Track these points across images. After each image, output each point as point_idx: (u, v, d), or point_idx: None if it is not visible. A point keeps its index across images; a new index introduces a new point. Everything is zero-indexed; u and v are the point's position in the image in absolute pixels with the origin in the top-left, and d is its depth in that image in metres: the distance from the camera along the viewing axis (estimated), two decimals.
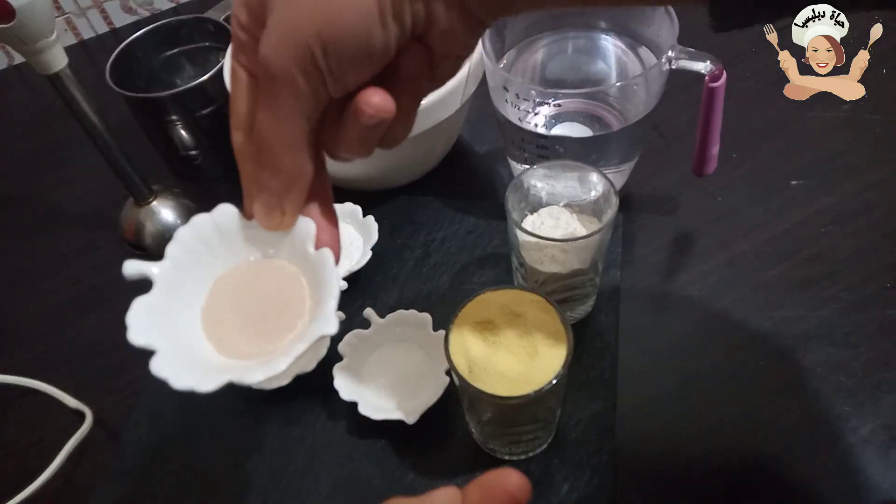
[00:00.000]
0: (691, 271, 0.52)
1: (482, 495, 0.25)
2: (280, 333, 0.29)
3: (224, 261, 0.30)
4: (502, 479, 0.25)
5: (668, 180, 0.57)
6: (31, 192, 0.70)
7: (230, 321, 0.29)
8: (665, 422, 0.45)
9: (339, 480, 0.44)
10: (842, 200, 0.54)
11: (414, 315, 0.48)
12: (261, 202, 0.28)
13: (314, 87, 0.25)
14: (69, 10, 0.85)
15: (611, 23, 0.52)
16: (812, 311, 0.48)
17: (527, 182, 0.45)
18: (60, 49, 0.48)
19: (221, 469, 0.46)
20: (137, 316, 0.28)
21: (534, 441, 0.42)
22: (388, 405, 0.45)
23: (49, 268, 0.62)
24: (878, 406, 0.43)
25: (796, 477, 0.42)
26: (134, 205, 0.60)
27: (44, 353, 0.55)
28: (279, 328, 0.29)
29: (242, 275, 0.30)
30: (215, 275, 0.30)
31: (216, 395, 0.49)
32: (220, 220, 0.30)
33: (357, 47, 0.24)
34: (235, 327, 0.29)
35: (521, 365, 0.36)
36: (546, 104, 0.48)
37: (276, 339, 0.29)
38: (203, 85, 0.59)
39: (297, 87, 0.25)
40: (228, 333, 0.29)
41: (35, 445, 0.50)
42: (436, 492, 0.25)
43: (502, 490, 0.25)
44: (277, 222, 0.29)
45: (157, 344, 0.28)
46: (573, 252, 0.43)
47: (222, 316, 0.30)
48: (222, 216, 0.30)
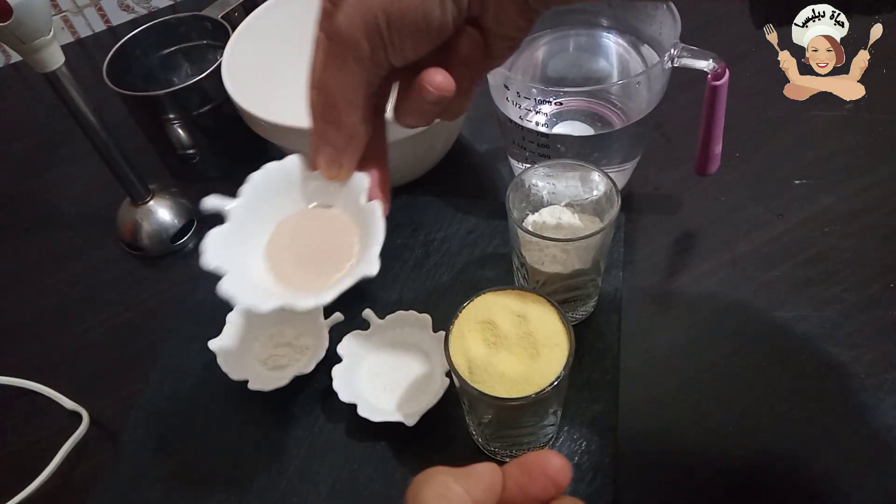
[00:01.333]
0: (693, 271, 0.52)
1: (521, 474, 0.25)
2: (330, 271, 0.33)
3: (288, 205, 0.35)
4: (542, 461, 0.25)
5: (670, 180, 0.57)
6: (27, 191, 0.70)
7: (288, 257, 0.34)
8: (667, 423, 0.45)
9: (338, 483, 0.43)
10: (843, 200, 0.54)
11: (414, 316, 0.47)
12: (323, 154, 0.32)
13: (376, 53, 0.28)
14: (66, 8, 0.84)
15: (613, 20, 0.51)
16: (814, 312, 0.48)
17: (528, 181, 0.44)
18: (57, 47, 0.47)
19: (220, 470, 0.45)
20: (211, 243, 0.32)
21: (535, 443, 0.42)
22: (388, 407, 0.45)
23: (45, 268, 0.62)
24: (880, 407, 0.43)
25: (798, 478, 0.41)
26: (131, 204, 0.60)
27: (40, 354, 0.55)
28: (330, 267, 0.33)
29: (302, 219, 0.35)
30: (279, 216, 0.35)
31: (215, 396, 0.49)
32: (288, 168, 0.35)
33: (417, 23, 0.27)
34: (292, 262, 0.34)
35: (522, 366, 0.36)
36: (547, 102, 0.48)
37: (326, 275, 0.33)
38: (201, 83, 0.59)
39: (362, 51, 0.28)
40: (286, 267, 0.34)
41: (32, 447, 0.50)
42: (478, 465, 0.25)
43: (542, 471, 0.25)
44: (335, 174, 0.33)
45: (226, 268, 0.31)
46: (574, 252, 0.43)
47: (282, 252, 0.34)
48: (290, 164, 0.35)
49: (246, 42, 0.60)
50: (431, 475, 0.25)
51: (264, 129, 0.54)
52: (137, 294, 0.58)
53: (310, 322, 0.49)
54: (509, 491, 0.25)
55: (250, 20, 0.61)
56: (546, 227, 0.45)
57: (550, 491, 0.25)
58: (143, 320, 0.56)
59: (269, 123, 0.52)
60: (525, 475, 0.25)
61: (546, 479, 0.25)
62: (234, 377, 0.46)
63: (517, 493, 0.25)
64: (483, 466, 0.25)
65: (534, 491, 0.25)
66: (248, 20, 0.61)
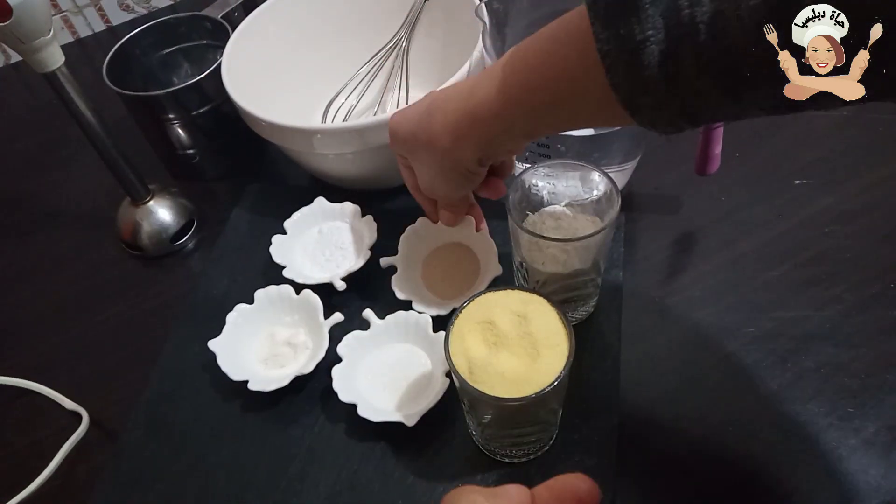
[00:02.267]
0: (694, 271, 0.52)
1: (551, 496, 0.25)
2: (468, 284, 0.50)
3: (430, 244, 0.53)
4: (572, 485, 0.25)
5: (670, 180, 0.57)
6: (27, 191, 0.70)
7: (440, 275, 0.52)
8: (667, 422, 0.45)
9: (338, 483, 0.43)
10: (843, 200, 0.54)
11: (414, 316, 0.47)
12: (444, 217, 0.49)
13: (475, 176, 0.43)
14: (66, 7, 0.84)
15: None
16: (814, 312, 0.48)
17: (528, 181, 0.44)
18: (57, 47, 0.47)
19: (220, 471, 0.45)
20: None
21: (535, 443, 0.42)
22: (388, 407, 0.45)
23: (45, 269, 0.62)
24: (881, 407, 0.43)
25: (799, 478, 0.41)
26: (130, 204, 0.60)
27: (40, 354, 0.55)
28: (467, 281, 0.51)
29: (441, 249, 0.53)
30: (428, 250, 0.53)
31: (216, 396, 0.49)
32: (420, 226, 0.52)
33: (493, 157, 0.42)
34: (443, 279, 0.51)
35: (522, 366, 0.36)
36: None
37: (466, 288, 0.50)
38: (200, 83, 0.59)
39: (467, 171, 0.42)
40: (439, 283, 0.51)
41: (32, 447, 0.50)
42: (507, 487, 0.26)
43: (572, 495, 0.25)
44: (453, 223, 0.49)
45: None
46: (575, 252, 0.43)
47: (435, 273, 0.52)
48: (421, 224, 0.52)
49: (246, 42, 0.60)
50: (462, 494, 0.25)
51: (264, 129, 0.54)
52: (137, 294, 0.58)
53: (310, 322, 0.49)
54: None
55: (250, 20, 0.61)
56: (546, 227, 0.45)
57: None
58: (143, 320, 0.56)
59: (269, 123, 0.52)
60: (555, 498, 0.25)
61: (577, 502, 0.25)
62: (235, 377, 0.46)
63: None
64: (513, 488, 0.25)
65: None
66: (248, 20, 0.61)
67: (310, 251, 0.54)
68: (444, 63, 0.63)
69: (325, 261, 0.54)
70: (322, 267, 0.53)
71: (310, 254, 0.54)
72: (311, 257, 0.54)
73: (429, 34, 0.64)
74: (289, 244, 0.54)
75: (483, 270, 0.50)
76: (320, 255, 0.54)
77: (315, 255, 0.54)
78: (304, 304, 0.50)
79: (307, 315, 0.49)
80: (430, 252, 0.53)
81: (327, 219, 0.56)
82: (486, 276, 0.49)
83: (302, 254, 0.54)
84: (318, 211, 0.56)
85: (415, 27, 0.64)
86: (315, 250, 0.54)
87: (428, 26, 0.64)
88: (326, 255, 0.54)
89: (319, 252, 0.54)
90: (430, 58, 0.64)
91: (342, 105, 0.64)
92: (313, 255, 0.54)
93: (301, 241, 0.55)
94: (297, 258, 0.54)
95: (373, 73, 0.65)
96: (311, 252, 0.54)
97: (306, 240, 0.55)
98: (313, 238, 0.55)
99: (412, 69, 0.64)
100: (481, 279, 0.49)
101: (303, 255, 0.54)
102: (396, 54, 0.64)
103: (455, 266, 0.52)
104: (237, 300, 0.50)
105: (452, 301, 0.49)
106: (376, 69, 0.65)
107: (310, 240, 0.55)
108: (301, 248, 0.55)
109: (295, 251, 0.54)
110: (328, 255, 0.54)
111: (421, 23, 0.64)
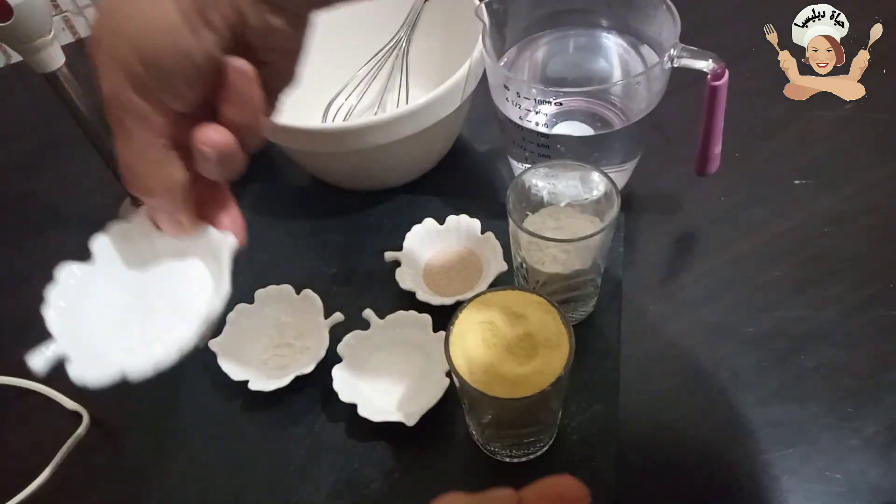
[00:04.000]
0: (693, 271, 0.52)
1: (538, 500, 0.25)
2: (469, 284, 0.50)
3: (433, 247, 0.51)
4: (561, 488, 0.25)
5: (670, 180, 0.57)
6: (28, 191, 0.69)
7: (443, 276, 0.51)
8: (667, 423, 0.45)
9: (338, 482, 0.43)
10: (843, 200, 0.54)
11: (414, 316, 0.47)
12: (159, 218, 0.31)
13: (153, 104, 0.26)
14: (67, 8, 0.84)
15: (612, 21, 0.51)
16: (814, 312, 0.48)
17: (528, 181, 0.44)
18: (58, 48, 0.47)
19: (220, 470, 0.45)
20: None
21: (535, 443, 0.42)
22: (388, 407, 0.45)
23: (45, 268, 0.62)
24: (880, 407, 0.43)
25: (798, 478, 0.41)
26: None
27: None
28: (469, 281, 0.51)
29: (444, 251, 0.53)
30: (431, 253, 0.52)
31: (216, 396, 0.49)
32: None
33: (175, 59, 0.25)
34: (446, 280, 0.51)
35: (522, 366, 0.36)
36: (547, 103, 0.48)
37: (468, 287, 0.50)
38: None
39: (137, 109, 0.26)
40: (442, 283, 0.50)
41: (32, 447, 0.49)
42: (494, 491, 0.25)
43: (559, 498, 0.25)
44: (180, 230, 0.31)
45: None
46: (574, 252, 0.43)
47: (437, 273, 0.51)
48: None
49: None
50: (448, 500, 0.25)
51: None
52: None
53: (310, 322, 0.49)
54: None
55: None
56: (546, 227, 0.45)
57: None
58: None
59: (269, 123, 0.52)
60: (542, 499, 0.25)
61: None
62: (235, 377, 0.46)
63: None
64: (500, 493, 0.25)
65: None
66: None
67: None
68: (444, 63, 0.63)
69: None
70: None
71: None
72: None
73: (429, 34, 0.64)
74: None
75: (485, 270, 0.50)
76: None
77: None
78: (304, 304, 0.50)
79: (307, 315, 0.49)
80: (433, 254, 0.53)
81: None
82: (488, 276, 0.49)
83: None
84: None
85: (415, 27, 0.64)
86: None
87: (428, 26, 0.64)
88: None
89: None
90: (430, 58, 0.64)
91: (342, 105, 0.64)
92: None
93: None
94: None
95: (373, 73, 0.65)
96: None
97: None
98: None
99: (412, 69, 0.64)
100: (483, 279, 0.50)
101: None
102: (396, 54, 0.65)
103: (457, 266, 0.52)
104: (237, 300, 0.50)
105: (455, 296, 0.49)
106: (376, 69, 0.65)
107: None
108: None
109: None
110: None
111: (421, 23, 0.64)
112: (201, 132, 0.27)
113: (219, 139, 0.27)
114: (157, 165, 0.28)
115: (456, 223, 0.53)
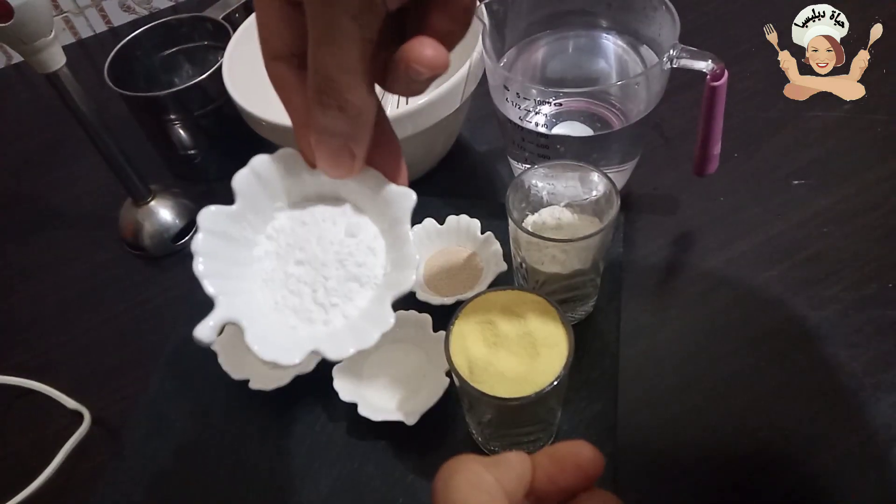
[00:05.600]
0: (692, 271, 0.52)
1: (552, 464, 0.24)
2: (469, 284, 0.50)
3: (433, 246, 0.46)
4: (574, 452, 0.24)
5: (669, 180, 0.57)
6: (28, 191, 0.70)
7: (443, 276, 0.49)
8: (666, 422, 0.45)
9: (338, 482, 0.44)
10: (842, 200, 0.54)
11: (414, 316, 0.47)
12: (327, 148, 0.27)
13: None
14: (67, 9, 0.84)
15: (612, 21, 0.52)
16: (812, 312, 0.48)
17: (527, 182, 0.45)
18: (59, 48, 0.47)
19: (220, 470, 0.45)
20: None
21: (535, 442, 0.42)
22: (388, 406, 0.45)
23: (46, 268, 0.62)
24: (879, 406, 0.43)
25: (797, 477, 0.42)
26: (132, 205, 0.60)
27: (42, 353, 0.55)
28: (469, 281, 0.50)
29: (444, 252, 0.50)
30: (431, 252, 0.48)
31: (217, 395, 0.49)
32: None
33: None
34: (446, 280, 0.50)
35: (521, 366, 0.36)
36: (547, 103, 0.48)
37: (468, 288, 0.50)
38: (202, 84, 0.59)
39: (352, 3, 0.23)
40: (442, 283, 0.49)
41: (34, 446, 0.50)
42: (508, 454, 0.25)
43: (573, 462, 0.24)
44: (348, 167, 0.27)
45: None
46: (574, 252, 0.43)
47: (437, 273, 0.51)
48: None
49: (247, 43, 0.60)
50: (461, 463, 0.24)
51: (265, 130, 0.54)
52: (139, 294, 0.58)
53: None
54: (539, 481, 0.24)
55: (251, 21, 0.61)
56: (546, 227, 0.45)
57: (581, 482, 0.24)
58: (145, 320, 0.56)
59: (270, 123, 0.52)
60: (556, 466, 0.24)
61: (578, 470, 0.24)
62: (236, 376, 0.47)
63: (547, 484, 0.24)
64: (513, 455, 0.24)
65: (564, 482, 0.24)
66: (249, 21, 0.61)
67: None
68: None
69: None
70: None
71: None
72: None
73: None
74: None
75: (485, 270, 0.51)
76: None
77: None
78: None
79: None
80: (432, 254, 0.53)
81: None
82: (488, 276, 0.49)
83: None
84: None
85: None
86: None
87: None
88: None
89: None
90: None
91: None
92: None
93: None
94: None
95: None
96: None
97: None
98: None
99: None
100: (483, 279, 0.50)
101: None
102: None
103: (457, 266, 0.52)
104: None
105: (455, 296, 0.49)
106: None
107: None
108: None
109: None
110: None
111: None
112: (415, 48, 0.23)
113: (434, 58, 0.23)
114: (357, 77, 0.25)
115: (456, 223, 0.53)
